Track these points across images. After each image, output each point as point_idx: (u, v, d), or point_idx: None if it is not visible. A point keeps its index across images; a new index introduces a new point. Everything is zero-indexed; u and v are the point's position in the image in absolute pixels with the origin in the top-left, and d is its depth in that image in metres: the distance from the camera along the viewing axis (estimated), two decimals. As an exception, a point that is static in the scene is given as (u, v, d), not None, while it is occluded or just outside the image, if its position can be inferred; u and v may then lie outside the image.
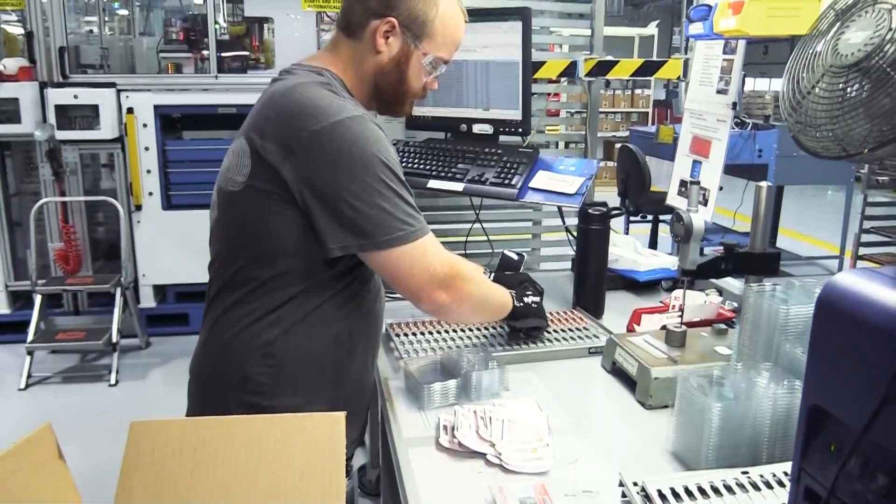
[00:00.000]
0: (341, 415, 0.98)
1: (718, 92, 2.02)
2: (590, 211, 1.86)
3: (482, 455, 1.21)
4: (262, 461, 0.95)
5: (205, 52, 4.39)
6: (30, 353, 3.86)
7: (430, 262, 1.30)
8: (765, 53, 12.07)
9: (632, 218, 5.81)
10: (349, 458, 1.51)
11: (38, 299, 3.97)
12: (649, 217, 5.70)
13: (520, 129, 2.10)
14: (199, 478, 0.94)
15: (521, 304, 1.58)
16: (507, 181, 1.98)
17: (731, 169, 5.37)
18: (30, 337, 3.89)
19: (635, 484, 1.02)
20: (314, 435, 0.97)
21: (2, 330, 4.32)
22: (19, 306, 4.36)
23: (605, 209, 1.86)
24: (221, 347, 1.35)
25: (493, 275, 1.72)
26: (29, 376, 3.83)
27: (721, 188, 2.10)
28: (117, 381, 3.87)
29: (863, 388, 0.64)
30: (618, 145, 6.16)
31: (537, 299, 1.62)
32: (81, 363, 4.17)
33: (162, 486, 0.93)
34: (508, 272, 1.73)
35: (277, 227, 1.27)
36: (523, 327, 1.63)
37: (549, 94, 2.58)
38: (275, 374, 1.32)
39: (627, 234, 5.80)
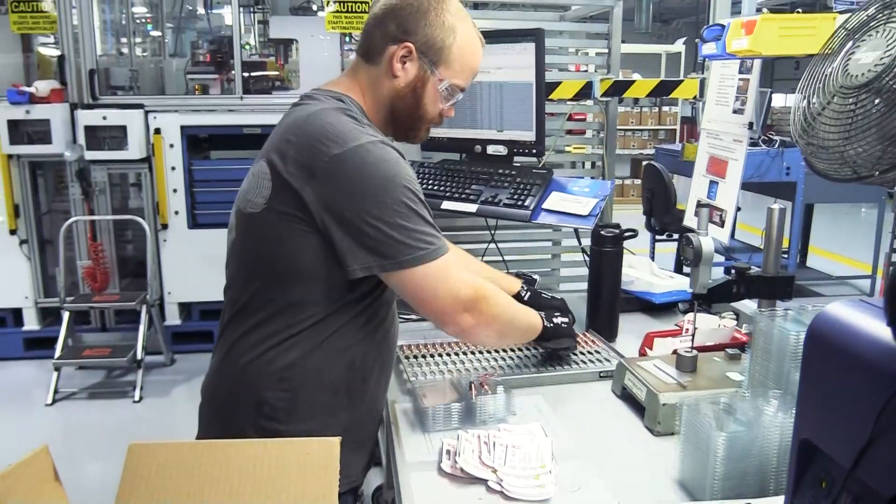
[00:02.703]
0: (336, 440, 0.98)
1: (735, 112, 2.00)
2: (602, 233, 1.84)
3: (484, 481, 1.20)
4: (256, 485, 0.95)
5: (231, 74, 4.47)
6: (57, 368, 3.92)
7: (453, 283, 1.29)
8: (796, 69, 11.92)
9: (657, 237, 5.75)
10: (359, 485, 1.47)
11: (66, 316, 4.04)
12: (675, 236, 5.64)
13: (534, 151, 2.09)
14: (194, 501, 0.94)
15: (552, 324, 1.58)
16: (520, 202, 1.97)
17: (758, 187, 5.33)
18: (57, 353, 3.95)
19: (635, 514, 1.00)
20: (309, 460, 0.97)
21: (32, 345, 4.41)
22: (49, 322, 4.44)
23: (617, 231, 1.85)
24: (237, 372, 1.34)
25: (528, 293, 1.72)
26: (56, 392, 3.90)
27: (739, 209, 2.07)
28: (141, 398, 3.92)
29: (851, 424, 0.62)
30: (644, 163, 6.12)
31: (566, 320, 1.62)
32: (107, 379, 4.23)
33: (157, 509, 0.93)
34: (545, 296, 1.74)
35: (297, 250, 1.27)
36: (556, 348, 1.64)
37: (572, 114, 2.56)
38: (290, 399, 1.31)
39: (653, 253, 5.74)
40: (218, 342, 1.40)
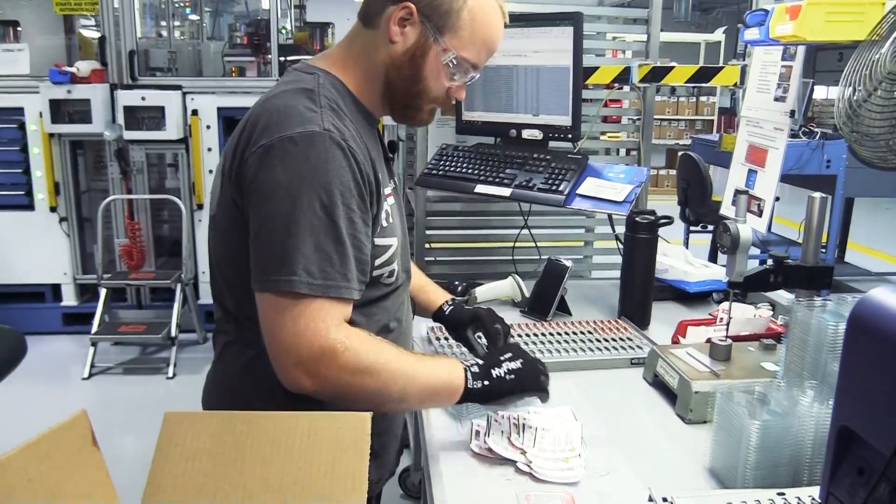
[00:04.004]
0: (367, 415, 0.98)
1: (776, 99, 1.96)
2: (637, 219, 1.83)
3: (513, 462, 1.20)
4: (288, 457, 0.96)
5: (267, 57, 4.50)
6: (94, 343, 4.02)
7: (302, 329, 1.05)
8: (839, 60, 11.61)
9: (692, 228, 5.68)
10: (377, 496, 1.42)
11: (103, 293, 4.13)
12: (710, 227, 5.57)
13: (569, 135, 2.08)
14: (226, 470, 0.95)
15: (481, 384, 1.17)
16: (554, 187, 1.96)
17: (797, 180, 5.23)
18: (94, 328, 4.05)
19: (665, 500, 1.00)
20: (340, 434, 0.97)
21: (70, 321, 4.51)
22: (86, 299, 4.54)
23: (652, 218, 1.83)
24: (228, 381, 1.27)
25: (451, 308, 1.50)
26: (92, 366, 3.99)
27: (778, 198, 2.03)
28: (174, 374, 3.99)
29: (893, 411, 0.61)
30: (680, 153, 6.04)
31: (514, 365, 1.21)
32: (142, 355, 4.31)
33: (191, 476, 0.95)
34: (485, 312, 1.50)
35: (246, 257, 1.12)
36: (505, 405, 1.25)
37: (607, 101, 2.53)
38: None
39: (687, 244, 5.67)
40: (214, 343, 1.31)
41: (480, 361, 1.21)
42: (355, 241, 1.10)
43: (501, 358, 1.22)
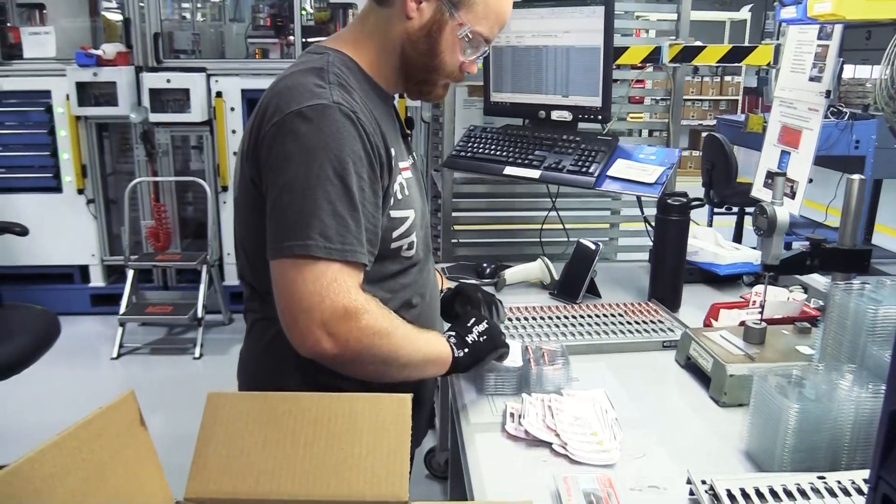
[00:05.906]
0: (407, 396, 0.99)
1: (811, 79, 1.93)
2: (669, 201, 1.81)
3: (548, 444, 1.21)
4: (329, 438, 0.97)
5: (290, 38, 4.49)
6: (122, 324, 4.08)
7: (324, 288, 1.07)
8: (867, 39, 11.38)
9: (716, 210, 5.62)
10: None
11: (130, 274, 4.17)
12: (734, 209, 5.52)
13: (599, 117, 2.06)
14: (269, 450, 0.97)
15: (464, 352, 1.24)
16: (584, 169, 1.95)
17: (824, 160, 5.16)
18: (122, 309, 4.10)
19: (703, 482, 1.00)
20: (381, 415, 0.98)
21: (98, 302, 4.57)
22: (113, 280, 4.59)
23: (684, 200, 1.81)
24: (256, 357, 1.30)
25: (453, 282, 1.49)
26: (121, 346, 4.05)
27: (811, 180, 2.01)
28: (201, 355, 4.05)
29: (950, 396, 0.61)
30: (704, 134, 5.97)
31: (482, 328, 1.29)
32: (168, 336, 4.37)
33: (235, 456, 0.96)
34: (467, 286, 1.55)
35: (265, 235, 1.15)
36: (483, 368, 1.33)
37: (633, 81, 2.51)
38: (310, 387, 1.17)
39: (711, 226, 5.62)
40: (245, 321, 1.35)
41: (453, 333, 1.27)
42: (366, 210, 1.13)
43: (468, 325, 1.29)
